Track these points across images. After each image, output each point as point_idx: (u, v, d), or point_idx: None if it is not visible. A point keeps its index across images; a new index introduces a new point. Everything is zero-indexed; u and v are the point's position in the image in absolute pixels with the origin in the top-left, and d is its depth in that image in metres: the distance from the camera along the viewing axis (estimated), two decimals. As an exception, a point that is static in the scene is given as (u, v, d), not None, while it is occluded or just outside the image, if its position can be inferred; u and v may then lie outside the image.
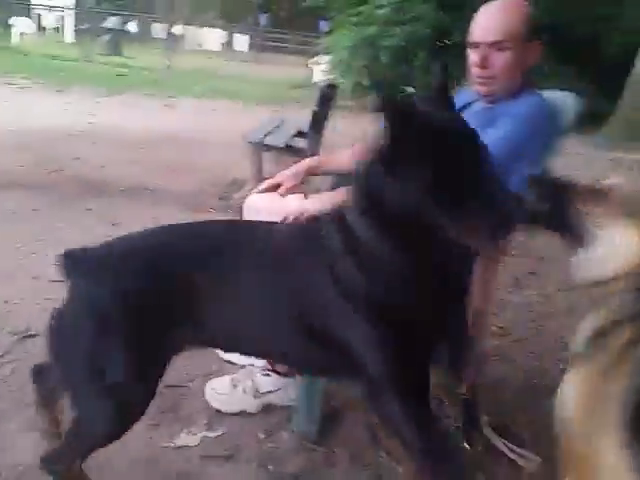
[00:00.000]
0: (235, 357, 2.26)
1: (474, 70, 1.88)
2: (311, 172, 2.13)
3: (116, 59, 15.83)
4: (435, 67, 1.62)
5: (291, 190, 2.04)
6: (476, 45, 1.85)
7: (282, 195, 2.04)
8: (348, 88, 11.50)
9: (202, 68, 15.76)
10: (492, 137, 1.73)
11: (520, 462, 1.86)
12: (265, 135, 4.38)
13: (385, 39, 10.83)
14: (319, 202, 1.73)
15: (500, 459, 1.88)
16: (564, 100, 1.92)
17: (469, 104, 1.99)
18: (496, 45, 1.80)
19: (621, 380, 1.15)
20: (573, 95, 1.95)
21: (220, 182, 4.88)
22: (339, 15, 12.14)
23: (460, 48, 2.16)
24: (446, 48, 11.19)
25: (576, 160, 7.81)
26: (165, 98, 9.93)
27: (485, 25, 1.84)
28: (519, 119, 1.75)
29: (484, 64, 1.83)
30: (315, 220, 1.49)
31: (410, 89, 12.43)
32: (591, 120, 11.56)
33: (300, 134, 4.47)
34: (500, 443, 1.91)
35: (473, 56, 1.87)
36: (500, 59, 1.82)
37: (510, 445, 1.91)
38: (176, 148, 6.12)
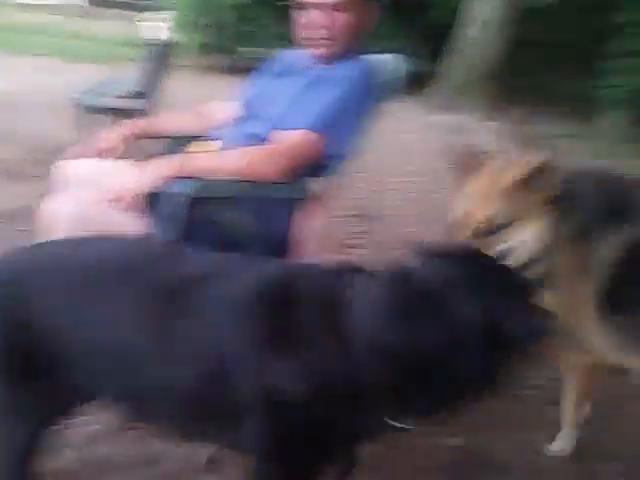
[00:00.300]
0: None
1: (310, 32, 1.86)
2: (139, 135, 2.02)
3: None
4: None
5: (116, 154, 1.92)
6: (315, 6, 1.82)
7: (106, 159, 1.90)
8: (189, 46, 11.10)
9: (24, 23, 14.38)
10: (321, 99, 1.76)
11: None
12: (94, 96, 4.09)
13: (228, -4, 10.55)
14: (146, 173, 1.63)
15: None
16: (393, 62, 1.96)
17: (301, 65, 1.97)
18: (338, 6, 1.79)
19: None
20: (402, 57, 1.99)
21: (45, 148, 4.47)
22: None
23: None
24: (292, 9, 11.14)
25: (408, 123, 8.20)
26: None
27: None
28: (345, 82, 1.77)
29: (325, 23, 1.81)
30: None
31: (257, 50, 12.28)
32: (421, 83, 12.18)
33: (134, 95, 4.24)
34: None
35: (313, 16, 1.83)
36: (340, 20, 1.81)
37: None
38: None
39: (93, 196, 1.65)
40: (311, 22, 1.84)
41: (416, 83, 11.86)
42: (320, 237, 1.87)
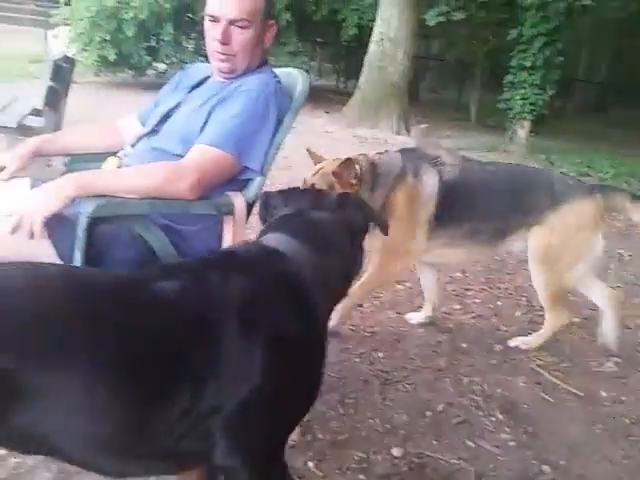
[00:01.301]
0: None
1: (213, 44, 1.84)
2: (38, 152, 1.92)
3: None
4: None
5: (15, 173, 1.83)
6: (216, 19, 1.80)
7: (4, 180, 1.82)
8: (90, 62, 10.80)
9: None
10: (226, 114, 1.74)
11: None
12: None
13: (126, 11, 10.33)
14: (48, 195, 1.56)
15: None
16: (294, 76, 1.97)
17: (205, 79, 1.96)
18: (237, 22, 1.78)
19: None
20: (303, 72, 2.00)
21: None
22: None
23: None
24: (194, 23, 11.06)
25: (325, 138, 8.33)
26: None
27: (228, 1, 1.78)
28: (251, 95, 1.77)
29: (225, 40, 1.80)
30: None
31: (160, 65, 12.11)
32: (337, 98, 12.40)
33: (36, 112, 4.07)
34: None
35: (213, 30, 1.82)
36: (241, 37, 1.80)
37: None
38: None
39: None
40: (213, 36, 1.82)
41: (330, 99, 12.16)
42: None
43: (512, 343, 2.73)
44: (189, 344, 1.12)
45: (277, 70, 1.98)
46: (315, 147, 2.68)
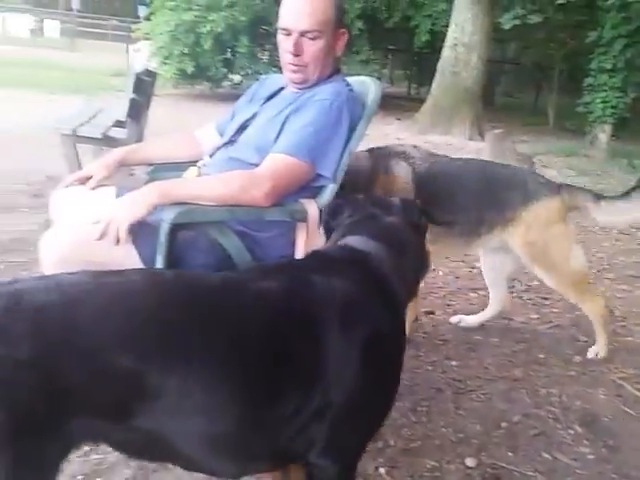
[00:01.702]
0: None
1: (286, 56, 1.87)
2: (123, 162, 2.02)
3: None
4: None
5: (102, 182, 1.93)
6: (288, 32, 1.84)
7: (92, 188, 1.92)
8: (170, 75, 11.18)
9: (6, 57, 14.46)
10: (299, 123, 1.77)
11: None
12: (80, 125, 4.10)
13: (204, 25, 10.65)
14: (133, 203, 1.64)
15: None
16: (367, 84, 1.98)
17: (280, 90, 2.00)
18: (308, 34, 1.81)
19: None
20: (375, 80, 2.02)
21: (33, 179, 4.50)
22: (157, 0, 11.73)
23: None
24: (269, 35, 11.28)
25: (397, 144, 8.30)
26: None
27: (296, 11, 1.81)
28: (324, 104, 1.79)
29: (296, 52, 1.83)
30: None
31: (236, 77, 12.41)
32: (409, 105, 12.34)
33: (119, 124, 4.25)
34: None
35: (285, 43, 1.85)
36: (312, 48, 1.83)
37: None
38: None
39: (82, 229, 1.66)
40: (286, 48, 1.86)
41: (402, 105, 12.12)
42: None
43: (590, 354, 2.64)
44: (298, 343, 1.17)
45: (350, 78, 2.00)
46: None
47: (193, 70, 11.19)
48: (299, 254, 1.82)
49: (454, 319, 2.89)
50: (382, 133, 8.83)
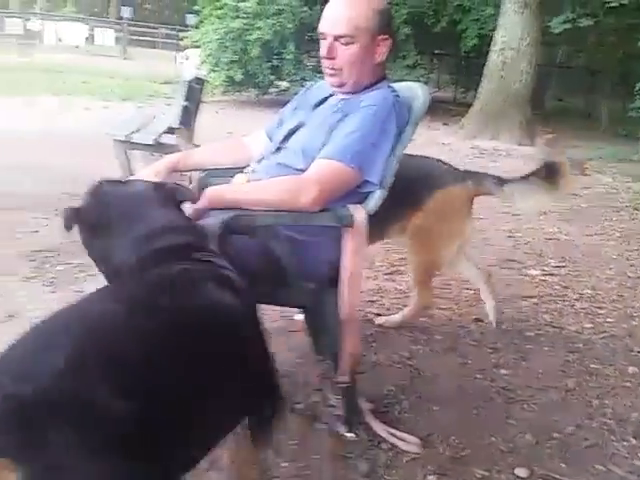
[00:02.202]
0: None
1: (323, 60, 1.92)
2: (174, 168, 2.06)
3: (-35, 56, 14.64)
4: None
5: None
6: (324, 36, 1.88)
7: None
8: (219, 82, 11.36)
9: (63, 64, 14.94)
10: (346, 129, 1.78)
11: (401, 445, 1.90)
12: (132, 132, 4.21)
13: (252, 32, 10.78)
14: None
15: (382, 444, 1.91)
16: (414, 90, 1.98)
17: (327, 97, 2.01)
18: (342, 38, 1.84)
19: None
20: (422, 85, 2.02)
21: (87, 183, 4.62)
22: (205, 8, 11.95)
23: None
24: (315, 41, 11.35)
25: (443, 150, 8.23)
26: (24, 96, 9.31)
27: (332, 17, 1.86)
28: (370, 111, 1.80)
29: (329, 55, 1.87)
30: None
31: (282, 83, 12.53)
32: (454, 110, 12.23)
33: (170, 130, 4.34)
34: (381, 428, 1.94)
35: (322, 47, 1.90)
36: (345, 52, 1.85)
37: (390, 429, 1.94)
38: (35, 149, 5.73)
39: None
40: (321, 51, 1.90)
41: (449, 110, 12.03)
42: (363, 263, 1.87)
43: None
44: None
45: (397, 84, 2.00)
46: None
47: (241, 77, 11.34)
48: (346, 259, 1.82)
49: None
50: (428, 138, 8.77)
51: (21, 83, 10.96)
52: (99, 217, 1.47)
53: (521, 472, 1.85)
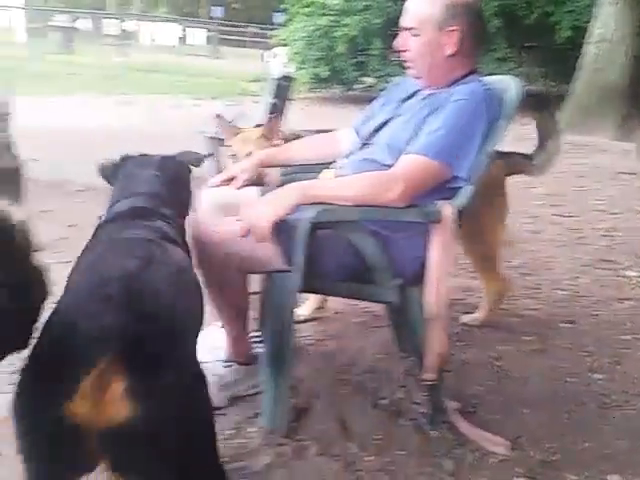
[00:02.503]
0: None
1: (402, 55, 1.96)
2: (264, 164, 2.12)
3: (68, 57, 15.50)
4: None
5: (245, 183, 2.03)
6: (401, 29, 1.93)
7: (236, 188, 2.02)
8: (305, 79, 11.47)
9: (157, 64, 15.54)
10: (434, 124, 1.76)
11: (488, 447, 1.86)
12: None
13: (339, 29, 10.81)
14: (275, 203, 1.72)
15: (468, 444, 1.88)
16: (505, 84, 1.93)
17: (416, 92, 2.00)
18: (410, 30, 1.88)
19: None
20: (515, 79, 1.95)
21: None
22: (294, 6, 12.08)
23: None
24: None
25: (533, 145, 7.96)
26: (119, 95, 9.76)
27: (405, 9, 1.91)
28: (459, 105, 1.78)
29: (400, 46, 1.92)
30: None
31: (368, 79, 12.50)
32: (548, 104, 11.81)
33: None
34: (467, 428, 1.92)
35: (399, 40, 1.94)
36: (413, 44, 1.89)
37: (477, 430, 1.91)
38: (133, 145, 5.93)
39: (227, 227, 1.76)
40: (395, 44, 1.95)
41: (542, 105, 11.62)
42: (450, 260, 1.85)
43: None
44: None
45: (489, 78, 1.96)
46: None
47: (327, 74, 11.40)
48: (433, 256, 1.80)
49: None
50: (518, 133, 8.48)
51: (117, 82, 11.50)
52: (109, 175, 1.83)
53: (614, 479, 1.78)
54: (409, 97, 2.02)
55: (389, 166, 1.81)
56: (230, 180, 2.06)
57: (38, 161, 5.15)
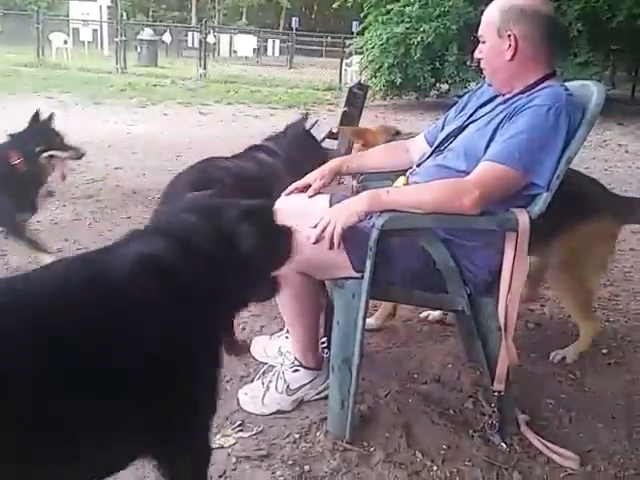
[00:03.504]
0: (265, 357, 2.31)
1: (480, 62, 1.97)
2: (338, 172, 2.15)
3: (152, 70, 16.14)
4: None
5: (319, 190, 2.07)
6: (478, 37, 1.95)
7: (310, 196, 2.06)
8: (380, 87, 11.48)
9: (235, 75, 15.95)
10: (512, 130, 1.74)
11: (558, 460, 1.82)
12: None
13: (415, 36, 10.77)
14: (347, 209, 1.76)
15: (537, 457, 1.85)
16: (588, 88, 1.88)
17: (493, 98, 1.99)
18: (480, 37, 1.91)
19: None
20: (597, 84, 1.90)
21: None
22: (370, 15, 12.12)
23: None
24: (478, 42, 11.06)
25: (618, 151, 7.68)
26: (201, 106, 10.07)
27: (482, 18, 1.92)
28: (539, 111, 1.74)
29: (475, 54, 1.95)
30: None
31: (443, 85, 12.37)
32: (629, 110, 11.33)
33: (332, 135, 4.47)
34: (537, 440, 1.88)
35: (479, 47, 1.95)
36: (484, 51, 1.91)
37: (547, 443, 1.87)
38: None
39: (301, 233, 1.80)
40: (476, 52, 1.95)
41: (625, 109, 11.17)
42: (524, 269, 1.82)
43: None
44: None
45: (570, 83, 1.92)
46: (608, 161, 2.54)
47: (401, 81, 11.37)
48: (507, 265, 1.79)
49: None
50: (600, 139, 8.22)
51: (197, 93, 11.88)
52: None
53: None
54: (486, 103, 2.01)
55: (463, 172, 1.81)
56: (305, 187, 2.11)
57: (122, 169, 5.42)
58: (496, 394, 1.89)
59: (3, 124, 6.99)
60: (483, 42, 1.89)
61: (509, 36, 1.83)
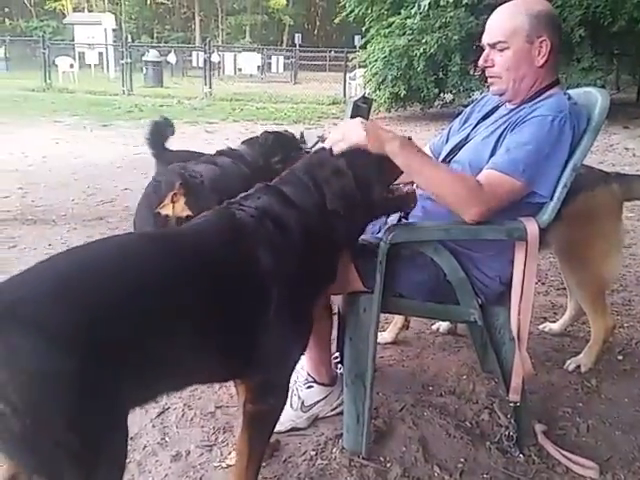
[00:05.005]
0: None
1: (487, 70, 1.92)
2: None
3: (158, 90, 16.31)
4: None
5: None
6: (483, 46, 1.90)
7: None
8: (384, 99, 11.52)
9: (241, 92, 16.07)
10: (516, 140, 1.73)
11: (577, 470, 1.81)
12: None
13: (417, 48, 10.81)
14: (370, 134, 1.69)
15: (556, 467, 1.83)
16: (592, 95, 1.88)
17: (495, 109, 1.99)
18: (496, 45, 1.85)
19: None
20: (601, 90, 1.90)
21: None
22: (372, 28, 12.21)
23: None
24: (482, 51, 11.08)
25: (624, 155, 7.65)
26: (207, 125, 10.14)
27: (488, 26, 1.89)
28: (543, 121, 1.73)
29: (485, 63, 1.89)
30: None
31: (447, 95, 12.40)
32: (634, 113, 11.30)
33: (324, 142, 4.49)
34: (555, 450, 1.87)
35: (484, 55, 1.91)
36: (500, 59, 1.85)
37: (565, 452, 1.86)
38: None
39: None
40: (480, 62, 1.92)
41: (630, 113, 11.14)
42: (534, 278, 1.81)
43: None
44: None
45: (573, 91, 1.92)
46: (615, 166, 2.53)
47: (405, 92, 11.41)
48: (517, 274, 1.78)
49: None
50: (607, 143, 8.20)
51: (203, 112, 11.96)
52: None
53: None
54: (489, 114, 2.01)
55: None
56: None
57: (131, 190, 5.46)
58: (512, 405, 1.87)
59: (19, 148, 7.12)
60: (501, 50, 1.84)
61: (542, 41, 1.81)
